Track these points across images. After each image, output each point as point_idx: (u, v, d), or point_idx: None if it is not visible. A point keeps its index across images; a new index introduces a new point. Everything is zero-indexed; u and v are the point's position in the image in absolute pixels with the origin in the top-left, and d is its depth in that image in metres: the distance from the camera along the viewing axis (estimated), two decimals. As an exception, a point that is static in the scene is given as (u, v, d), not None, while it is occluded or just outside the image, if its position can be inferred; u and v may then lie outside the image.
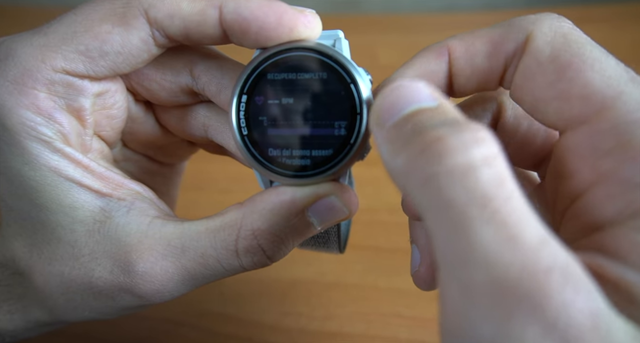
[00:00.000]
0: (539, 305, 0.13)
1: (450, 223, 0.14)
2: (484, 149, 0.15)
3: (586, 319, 0.13)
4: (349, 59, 0.22)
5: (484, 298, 0.14)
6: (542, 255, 0.13)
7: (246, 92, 0.22)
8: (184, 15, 0.21)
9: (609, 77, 0.18)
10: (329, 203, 0.22)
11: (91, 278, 0.23)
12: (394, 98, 0.18)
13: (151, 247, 0.22)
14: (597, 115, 0.18)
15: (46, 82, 0.22)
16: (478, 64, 0.21)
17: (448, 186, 0.14)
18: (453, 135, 0.15)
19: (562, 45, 0.19)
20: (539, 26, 0.20)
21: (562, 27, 0.19)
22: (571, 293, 0.13)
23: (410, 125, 0.16)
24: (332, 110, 0.21)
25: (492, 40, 0.21)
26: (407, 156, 0.16)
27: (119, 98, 0.25)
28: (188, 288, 0.23)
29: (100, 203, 0.23)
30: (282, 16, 0.21)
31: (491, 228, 0.14)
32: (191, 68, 0.25)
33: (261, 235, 0.22)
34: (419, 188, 0.15)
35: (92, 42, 0.22)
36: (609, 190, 0.17)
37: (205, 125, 0.27)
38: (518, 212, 0.14)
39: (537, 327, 0.13)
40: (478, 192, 0.14)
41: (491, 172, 0.14)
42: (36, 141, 0.22)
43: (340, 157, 0.21)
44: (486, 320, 0.13)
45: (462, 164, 0.15)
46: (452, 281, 0.14)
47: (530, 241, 0.14)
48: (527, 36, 0.20)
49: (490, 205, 0.14)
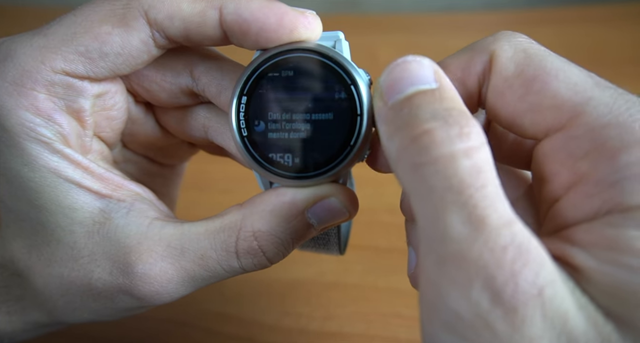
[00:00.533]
0: (490, 275, 0.15)
1: (430, 206, 0.16)
2: (467, 142, 0.17)
3: (531, 287, 0.15)
4: (349, 60, 0.22)
5: (452, 269, 0.16)
6: (503, 234, 0.15)
7: (246, 93, 0.22)
8: (184, 16, 0.21)
9: (574, 84, 0.19)
10: (329, 205, 0.22)
11: (90, 279, 0.23)
12: (397, 74, 0.19)
13: (150, 248, 0.22)
14: (569, 122, 0.19)
15: (46, 83, 0.22)
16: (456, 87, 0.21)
17: (431, 174, 0.16)
18: (441, 128, 0.17)
19: (524, 60, 0.20)
20: (499, 45, 0.20)
21: (520, 43, 0.20)
22: (520, 265, 0.15)
23: (407, 109, 0.18)
24: (332, 112, 0.21)
25: (460, 67, 0.21)
26: (399, 143, 0.18)
27: (119, 99, 0.25)
28: (187, 290, 0.23)
29: (100, 204, 0.23)
30: (282, 17, 0.21)
31: (464, 210, 0.16)
32: (191, 69, 0.24)
33: (261, 237, 0.22)
34: (407, 175, 0.17)
35: (92, 43, 0.22)
36: (586, 191, 0.18)
37: (205, 127, 0.27)
38: (490, 198, 0.16)
39: (489, 294, 0.15)
40: (456, 180, 0.16)
41: (470, 163, 0.16)
42: (36, 142, 0.22)
43: (341, 159, 0.21)
44: (453, 287, 0.16)
45: (445, 155, 0.16)
46: (429, 254, 0.16)
47: (495, 223, 0.16)
48: (490, 55, 0.20)
49: (466, 191, 0.16)
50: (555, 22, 0.67)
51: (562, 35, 0.66)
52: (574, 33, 0.66)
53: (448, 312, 0.16)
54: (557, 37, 0.66)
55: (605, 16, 0.68)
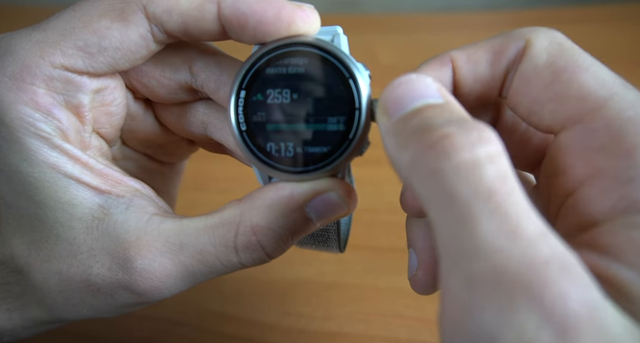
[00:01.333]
0: (537, 295, 0.13)
1: (454, 216, 0.15)
2: (489, 147, 0.16)
3: (582, 309, 0.13)
4: (348, 54, 0.21)
5: (485, 289, 0.14)
6: (541, 247, 0.14)
7: (245, 88, 0.22)
8: (183, 11, 0.21)
9: (602, 79, 0.19)
10: (328, 199, 0.22)
11: (89, 275, 0.23)
12: (402, 91, 0.18)
13: (149, 243, 0.22)
14: (590, 114, 0.18)
15: (45, 78, 0.22)
16: (481, 71, 0.21)
17: (454, 181, 0.15)
18: (460, 133, 0.16)
19: (557, 52, 0.20)
20: (536, 35, 0.20)
21: (557, 37, 0.20)
22: (568, 284, 0.13)
23: (417, 120, 0.17)
24: (330, 106, 0.21)
25: (493, 48, 0.21)
26: (414, 151, 0.17)
27: (118, 95, 0.24)
28: (186, 286, 0.23)
29: (99, 200, 0.23)
30: (280, 11, 0.21)
31: (494, 220, 0.14)
32: (190, 65, 0.24)
33: (260, 231, 0.22)
34: (425, 182, 0.16)
35: (91, 37, 0.21)
36: (601, 185, 0.18)
37: (204, 123, 0.27)
38: (519, 206, 0.15)
39: (535, 316, 0.13)
40: (482, 187, 0.15)
41: (495, 168, 0.15)
42: (35, 137, 0.22)
43: (339, 153, 0.21)
44: (487, 309, 0.14)
45: (468, 160, 0.15)
46: (454, 273, 0.15)
47: (530, 233, 0.14)
48: (526, 43, 0.20)
49: (494, 199, 0.15)
50: (555, 22, 0.67)
51: (562, 35, 0.66)
52: (574, 33, 0.65)
53: (482, 337, 0.14)
54: (557, 37, 0.66)
55: (605, 16, 0.68)
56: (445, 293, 0.15)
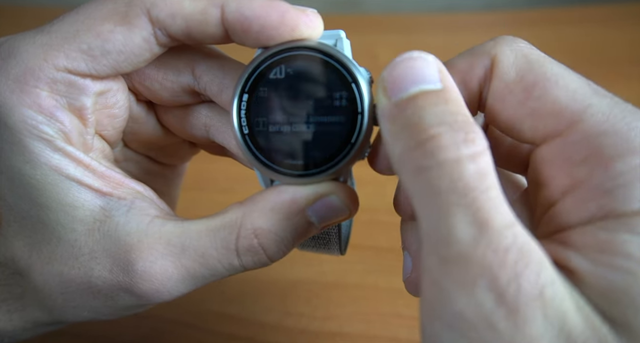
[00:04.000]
0: (493, 276, 0.15)
1: (435, 207, 0.17)
2: (472, 147, 0.17)
3: (533, 288, 0.15)
4: (351, 59, 0.22)
5: (454, 270, 0.16)
6: (506, 236, 0.16)
7: (247, 91, 0.22)
8: (186, 15, 0.21)
9: (573, 92, 0.19)
10: (330, 203, 0.22)
11: (90, 277, 0.23)
12: (402, 70, 0.19)
13: (151, 246, 0.22)
14: (568, 129, 0.19)
15: (48, 81, 0.22)
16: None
17: (436, 177, 0.17)
18: (447, 133, 0.17)
19: (524, 66, 0.20)
20: (500, 50, 0.21)
21: (521, 48, 0.21)
22: (522, 266, 0.15)
23: (411, 110, 0.18)
24: (333, 110, 0.21)
25: (461, 71, 0.21)
26: (404, 146, 0.18)
27: (120, 97, 0.25)
28: (188, 289, 0.23)
29: (101, 202, 0.23)
30: (283, 15, 0.21)
31: (468, 212, 0.16)
32: (193, 68, 0.25)
33: (261, 234, 0.22)
34: (411, 177, 0.18)
35: (94, 40, 0.22)
36: (581, 196, 0.18)
37: (206, 126, 0.27)
38: (492, 201, 0.16)
39: (491, 295, 0.15)
40: (461, 183, 0.16)
41: (475, 167, 0.17)
42: (38, 140, 0.22)
43: (341, 156, 0.22)
44: (456, 288, 0.16)
45: (451, 159, 0.17)
46: (432, 255, 0.17)
47: (497, 225, 0.16)
48: (492, 61, 0.21)
49: (470, 194, 0.16)
50: (555, 22, 0.67)
51: (561, 35, 0.66)
52: (574, 33, 0.66)
53: (451, 313, 0.16)
54: (557, 37, 0.66)
55: (605, 16, 0.68)
56: (425, 275, 0.17)
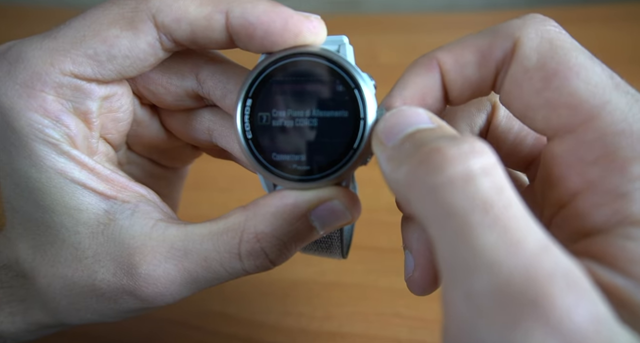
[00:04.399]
0: (542, 311, 0.13)
1: (453, 230, 0.15)
2: (482, 159, 0.16)
3: (589, 325, 0.13)
4: (354, 65, 0.22)
5: (488, 305, 0.14)
6: (545, 260, 0.14)
7: (251, 96, 0.22)
8: (191, 20, 0.22)
9: (594, 85, 0.18)
10: (332, 208, 0.22)
11: (94, 280, 0.23)
12: (394, 120, 0.19)
13: (154, 249, 0.22)
14: (583, 125, 0.18)
15: (55, 85, 0.22)
16: (469, 74, 0.21)
17: (449, 195, 0.15)
18: (451, 146, 0.16)
19: (548, 52, 0.19)
20: (525, 32, 0.19)
21: (548, 31, 0.19)
22: (574, 298, 0.13)
23: (410, 142, 0.18)
24: (335, 115, 0.22)
25: (480, 50, 0.20)
26: (408, 169, 0.17)
27: (125, 101, 0.25)
28: (191, 291, 0.23)
29: (105, 205, 0.23)
30: (287, 21, 0.21)
31: (494, 233, 0.14)
32: (197, 72, 0.25)
33: (264, 239, 0.22)
34: (421, 199, 0.16)
35: (101, 46, 0.22)
36: (596, 199, 0.18)
37: (209, 130, 0.27)
38: (519, 218, 0.15)
39: (541, 333, 0.13)
40: (479, 199, 0.15)
41: (490, 180, 0.15)
42: (43, 143, 0.22)
43: (344, 162, 0.22)
44: (491, 327, 0.14)
45: (461, 173, 0.15)
46: (456, 289, 0.15)
47: (532, 246, 0.14)
48: (514, 42, 0.20)
49: (492, 211, 0.14)
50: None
51: (562, 35, 0.65)
52: (574, 33, 0.65)
53: None
54: (557, 37, 0.65)
55: (605, 16, 0.68)
56: (447, 308, 0.15)
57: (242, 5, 0.21)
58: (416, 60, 0.22)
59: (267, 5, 0.21)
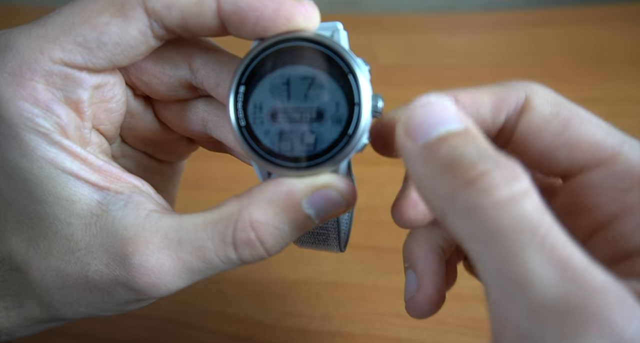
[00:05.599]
0: (606, 322, 0.14)
1: (502, 249, 0.16)
2: (522, 183, 0.17)
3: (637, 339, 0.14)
4: (347, 49, 0.21)
5: (550, 317, 0.14)
6: (595, 275, 0.15)
7: (244, 83, 0.22)
8: (182, 7, 0.21)
9: (606, 130, 0.21)
10: (327, 194, 0.22)
11: (87, 272, 0.22)
12: (423, 113, 0.19)
13: (147, 239, 0.22)
14: (610, 159, 0.20)
15: (44, 74, 0.22)
16: (483, 114, 0.22)
17: (497, 216, 0.16)
18: (496, 170, 0.17)
19: (559, 104, 0.22)
20: (535, 89, 0.22)
21: (551, 93, 0.22)
22: (627, 313, 0.14)
23: (446, 150, 0.18)
24: (330, 101, 0.21)
25: (497, 95, 0.22)
26: (451, 186, 0.17)
27: (117, 91, 0.24)
28: (185, 283, 0.23)
29: (98, 196, 0.23)
30: (279, 6, 0.21)
31: (544, 252, 0.15)
32: (190, 61, 0.25)
33: (258, 227, 0.22)
34: (464, 218, 0.17)
35: (90, 33, 0.21)
36: (635, 221, 0.19)
37: (204, 120, 0.27)
38: (562, 238, 0.15)
39: (606, 341, 0.14)
40: (526, 220, 0.16)
41: (531, 202, 0.16)
42: (34, 133, 0.22)
43: (339, 148, 0.21)
44: (554, 336, 0.14)
45: (507, 196, 0.16)
46: (516, 304, 0.15)
47: (581, 263, 0.15)
48: (527, 95, 0.22)
49: (539, 231, 0.15)
50: (555, 22, 0.67)
51: (561, 35, 0.66)
52: (574, 33, 0.66)
53: None
54: (557, 38, 0.66)
55: (605, 17, 0.68)
56: (505, 323, 0.16)
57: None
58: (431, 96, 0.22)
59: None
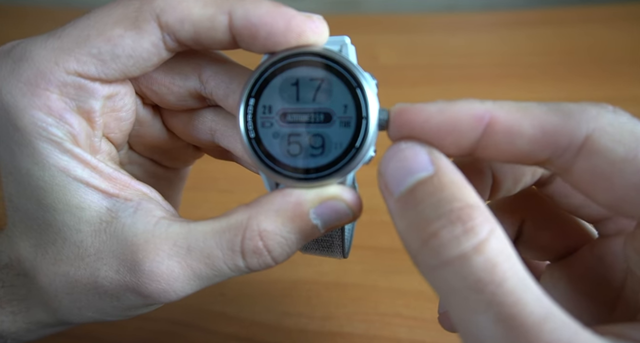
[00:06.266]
0: None
1: (457, 307, 0.16)
2: (474, 238, 0.17)
3: None
4: (356, 64, 0.22)
5: None
6: (546, 330, 0.15)
7: (254, 96, 0.22)
8: (195, 21, 0.22)
9: None
10: (334, 206, 0.23)
11: (97, 278, 0.23)
12: (394, 164, 0.20)
13: (157, 246, 0.22)
14: None
15: (59, 84, 0.22)
16: (518, 145, 0.19)
17: (447, 276, 0.17)
18: (445, 228, 0.17)
19: (635, 143, 0.18)
20: (602, 122, 0.18)
21: (624, 123, 0.18)
22: None
23: (412, 204, 0.18)
24: (338, 114, 0.22)
25: (544, 127, 0.19)
26: (413, 245, 0.18)
27: (127, 101, 0.25)
28: (194, 289, 0.23)
29: (107, 203, 0.23)
30: (290, 22, 0.21)
31: (491, 310, 0.15)
32: (200, 73, 0.25)
33: (267, 237, 0.22)
34: (427, 275, 0.18)
35: (105, 45, 0.22)
36: None
37: (212, 130, 0.27)
38: (515, 292, 0.16)
39: None
40: (472, 279, 0.16)
41: (482, 258, 0.16)
42: (47, 141, 0.22)
43: (346, 161, 0.22)
44: None
45: (455, 256, 0.17)
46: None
47: (530, 319, 0.15)
48: (589, 133, 0.18)
49: (486, 289, 0.16)
50: (555, 22, 0.67)
51: (561, 35, 0.66)
52: (574, 33, 0.66)
53: None
54: (557, 38, 0.66)
55: (605, 16, 0.68)
56: None
57: (245, 6, 0.21)
58: (467, 104, 0.20)
59: (269, 6, 0.21)
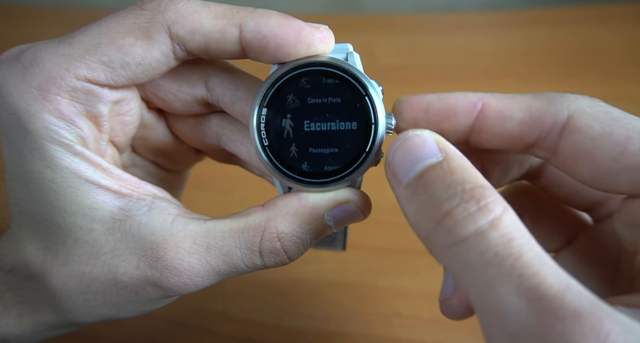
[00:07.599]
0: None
1: (476, 283, 0.17)
2: (488, 215, 0.17)
3: None
4: (363, 73, 0.23)
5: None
6: (568, 300, 0.15)
7: (266, 105, 0.23)
8: (205, 33, 0.22)
9: None
10: (347, 208, 0.24)
11: (116, 274, 0.23)
12: (402, 152, 0.20)
13: (177, 244, 0.23)
14: None
15: (69, 89, 0.22)
16: (509, 128, 0.22)
17: (465, 253, 0.17)
18: (461, 207, 0.18)
19: (613, 121, 0.20)
20: (581, 104, 0.21)
21: (600, 105, 0.21)
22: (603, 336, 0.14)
23: (422, 189, 0.19)
24: (348, 121, 0.23)
25: (531, 110, 0.22)
26: (427, 227, 0.19)
27: (133, 105, 0.25)
28: (211, 282, 0.24)
29: (119, 203, 0.23)
30: (300, 33, 0.22)
31: (512, 282, 0.16)
32: (206, 80, 0.25)
33: (284, 238, 0.23)
34: (442, 255, 0.18)
35: (115, 53, 0.22)
36: None
37: (218, 134, 0.27)
38: (534, 264, 0.16)
39: None
40: (490, 254, 0.16)
41: (499, 233, 0.17)
42: (58, 144, 0.22)
43: (357, 165, 0.23)
44: None
45: (471, 232, 0.17)
46: (495, 330, 0.16)
47: (553, 289, 0.15)
48: (570, 114, 0.21)
49: (505, 262, 0.16)
50: (553, 22, 0.67)
51: (559, 35, 0.66)
52: (571, 33, 0.66)
53: None
54: (555, 37, 0.66)
55: (602, 17, 0.68)
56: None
57: (256, 18, 0.22)
58: (465, 92, 0.23)
59: (279, 18, 0.22)
